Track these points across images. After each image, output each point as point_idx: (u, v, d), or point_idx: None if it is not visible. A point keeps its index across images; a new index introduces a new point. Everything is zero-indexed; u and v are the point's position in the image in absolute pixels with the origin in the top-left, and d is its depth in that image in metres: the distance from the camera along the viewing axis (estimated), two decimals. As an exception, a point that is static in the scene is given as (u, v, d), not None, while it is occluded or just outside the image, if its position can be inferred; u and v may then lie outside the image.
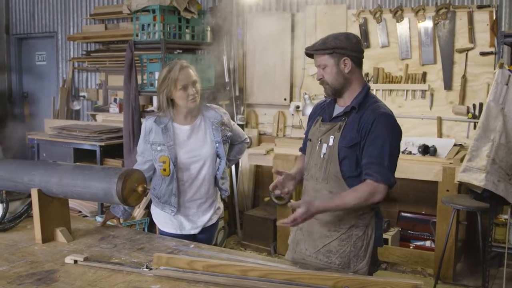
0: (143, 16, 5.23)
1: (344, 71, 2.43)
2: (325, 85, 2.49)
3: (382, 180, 2.30)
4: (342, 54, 2.41)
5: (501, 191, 3.39)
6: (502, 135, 3.41)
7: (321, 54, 2.45)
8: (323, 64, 2.45)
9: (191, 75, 2.86)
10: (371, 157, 2.33)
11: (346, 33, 2.51)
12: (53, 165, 2.68)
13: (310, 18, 5.75)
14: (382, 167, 2.31)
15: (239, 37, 6.11)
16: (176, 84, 2.81)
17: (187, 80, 2.83)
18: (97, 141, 5.24)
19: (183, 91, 2.82)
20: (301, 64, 5.86)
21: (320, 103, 2.69)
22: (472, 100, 5.00)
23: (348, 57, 2.42)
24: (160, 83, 2.86)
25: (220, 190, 3.07)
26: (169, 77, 2.82)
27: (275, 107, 6.05)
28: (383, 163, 2.31)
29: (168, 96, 2.85)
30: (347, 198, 2.33)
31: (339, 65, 2.42)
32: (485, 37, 4.89)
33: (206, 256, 2.50)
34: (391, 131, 2.36)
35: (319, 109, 2.65)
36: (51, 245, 2.62)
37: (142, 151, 2.97)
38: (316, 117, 2.62)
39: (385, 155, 2.32)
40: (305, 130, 2.75)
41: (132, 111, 5.25)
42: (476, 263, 4.80)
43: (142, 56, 5.46)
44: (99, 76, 7.45)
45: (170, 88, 2.82)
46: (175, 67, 2.83)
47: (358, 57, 2.46)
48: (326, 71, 2.45)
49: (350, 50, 2.42)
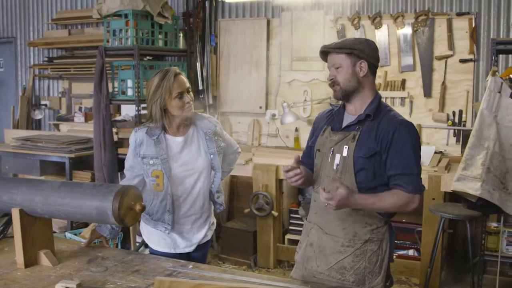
0: (114, 21, 5.00)
1: (359, 74, 2.34)
2: (336, 86, 2.38)
3: (415, 191, 2.26)
4: (359, 57, 2.32)
5: (496, 200, 3.34)
6: (496, 143, 3.36)
7: (338, 53, 2.34)
8: (338, 64, 2.35)
9: (185, 82, 2.68)
10: (400, 168, 2.26)
11: (366, 39, 2.45)
12: (37, 182, 2.44)
13: (286, 24, 5.64)
14: (412, 176, 2.26)
15: (213, 43, 5.94)
16: (171, 92, 2.62)
17: (182, 87, 2.65)
18: (66, 153, 4.96)
19: (179, 100, 2.63)
20: (277, 71, 5.73)
21: (325, 112, 2.57)
22: (452, 107, 4.99)
23: (366, 61, 2.33)
24: (153, 93, 2.64)
25: (215, 204, 2.88)
26: (163, 85, 2.61)
27: (250, 115, 5.89)
28: (413, 172, 2.26)
29: (162, 106, 2.64)
30: (386, 201, 2.26)
31: (355, 67, 2.33)
32: (464, 44, 4.89)
33: (208, 277, 2.34)
34: (414, 139, 2.30)
35: (325, 117, 2.52)
36: (35, 270, 2.40)
37: (131, 165, 2.76)
38: (323, 126, 2.49)
39: (412, 164, 2.26)
40: (309, 141, 2.60)
41: (103, 120, 5.00)
42: (459, 271, 4.78)
43: (113, 63, 5.21)
44: (62, 83, 7.12)
45: (164, 97, 2.62)
46: (169, 74, 2.62)
47: (374, 64, 2.38)
48: (339, 72, 2.35)
49: (368, 55, 2.34)
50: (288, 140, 5.70)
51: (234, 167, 3.13)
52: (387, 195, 2.27)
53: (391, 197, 2.26)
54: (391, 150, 2.26)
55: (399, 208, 2.28)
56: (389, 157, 2.27)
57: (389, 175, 2.29)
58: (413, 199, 2.26)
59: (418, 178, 2.29)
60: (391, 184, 2.29)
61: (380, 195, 2.27)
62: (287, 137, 5.71)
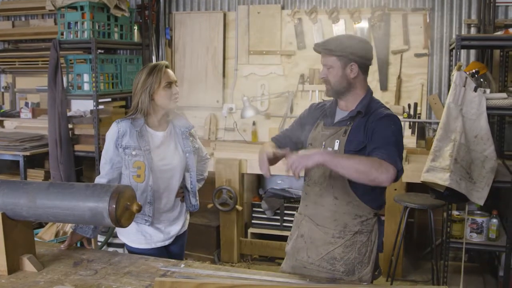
0: (69, 13, 4.80)
1: (350, 76, 2.37)
2: (327, 85, 2.42)
3: (390, 161, 2.15)
4: (350, 59, 2.35)
5: (463, 189, 3.49)
6: (462, 135, 3.50)
7: (330, 55, 2.37)
8: (329, 64, 2.38)
9: (174, 74, 2.75)
10: (377, 143, 2.24)
11: (358, 38, 2.50)
12: (20, 184, 2.31)
13: (243, 18, 5.61)
14: (389, 150, 2.19)
15: (168, 36, 5.83)
16: (160, 82, 2.66)
17: (171, 78, 2.71)
18: (20, 151, 4.74)
19: (167, 89, 2.68)
20: (233, 65, 5.70)
21: (317, 105, 2.59)
22: (407, 100, 5.15)
23: (356, 63, 2.36)
24: (142, 82, 2.66)
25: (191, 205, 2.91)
26: (153, 74, 2.65)
27: (207, 109, 5.83)
28: (389, 147, 2.21)
29: (150, 94, 2.66)
30: (355, 159, 2.17)
31: (345, 69, 2.36)
32: (419, 39, 5.06)
33: (203, 275, 2.32)
34: (396, 126, 2.32)
35: (319, 112, 2.54)
36: (20, 276, 2.29)
37: (111, 158, 2.68)
38: (316, 121, 2.52)
39: (391, 142, 2.24)
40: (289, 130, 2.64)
41: (59, 116, 4.80)
42: (418, 259, 4.96)
43: (67, 56, 5.01)
44: (4, 78, 6.77)
45: (154, 86, 2.65)
46: (159, 65, 2.68)
47: (367, 64, 2.41)
48: (331, 72, 2.38)
49: (359, 56, 2.36)
50: (246, 134, 5.70)
51: (207, 175, 3.13)
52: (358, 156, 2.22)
53: (362, 158, 2.18)
54: (373, 135, 2.28)
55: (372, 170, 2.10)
56: (371, 140, 2.28)
57: (368, 152, 2.25)
58: (388, 168, 2.12)
59: (396, 155, 2.20)
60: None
61: (351, 155, 2.24)
62: (245, 131, 5.70)
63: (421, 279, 4.59)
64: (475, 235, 3.84)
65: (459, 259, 4.68)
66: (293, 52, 5.46)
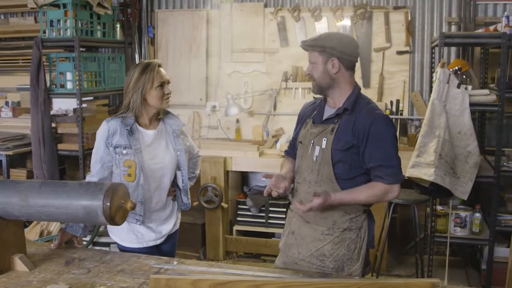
0: (52, 11, 4.76)
1: (332, 71, 2.40)
2: (312, 81, 2.48)
3: (395, 182, 2.34)
4: (331, 54, 2.38)
5: (447, 184, 3.56)
6: (446, 131, 3.57)
7: (312, 50, 2.42)
8: (313, 60, 2.43)
9: (166, 74, 2.74)
10: (380, 160, 2.34)
11: (342, 35, 2.54)
12: (10, 183, 2.29)
13: (226, 15, 5.62)
14: (392, 168, 2.34)
15: (150, 34, 5.80)
16: (153, 82, 2.64)
17: (164, 78, 2.70)
18: (3, 150, 4.69)
19: (160, 89, 2.66)
20: (217, 63, 5.71)
21: (309, 103, 2.63)
22: (390, 97, 5.22)
23: (337, 58, 2.38)
24: (135, 81, 2.64)
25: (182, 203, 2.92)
26: (146, 74, 2.64)
27: (190, 107, 5.82)
28: (393, 164, 2.34)
29: (142, 94, 2.64)
30: (362, 194, 2.36)
31: (326, 64, 2.40)
32: (401, 36, 5.13)
33: (197, 272, 2.33)
34: (391, 132, 2.39)
35: (309, 110, 2.58)
36: (12, 276, 2.27)
37: (102, 157, 2.68)
38: (306, 119, 2.55)
39: (392, 156, 2.35)
40: (294, 133, 2.67)
41: (42, 115, 4.76)
42: (401, 254, 5.04)
43: (50, 54, 4.96)
44: (-18, 77, 6.66)
45: (146, 86, 2.63)
46: (152, 64, 2.67)
47: (349, 60, 2.43)
48: (314, 68, 2.44)
49: (340, 52, 2.39)
50: (229, 131, 5.71)
51: (198, 173, 3.15)
52: (363, 189, 2.37)
53: (367, 191, 2.36)
54: (370, 143, 2.34)
55: (378, 198, 2.40)
56: (368, 150, 2.34)
57: (370, 167, 2.37)
58: (392, 189, 2.35)
59: (398, 168, 2.38)
60: (372, 175, 2.38)
61: (357, 190, 2.37)
62: (228, 128, 5.72)
63: (405, 273, 4.66)
64: (459, 229, 3.92)
65: (441, 253, 4.78)
66: (276, 50, 5.49)
